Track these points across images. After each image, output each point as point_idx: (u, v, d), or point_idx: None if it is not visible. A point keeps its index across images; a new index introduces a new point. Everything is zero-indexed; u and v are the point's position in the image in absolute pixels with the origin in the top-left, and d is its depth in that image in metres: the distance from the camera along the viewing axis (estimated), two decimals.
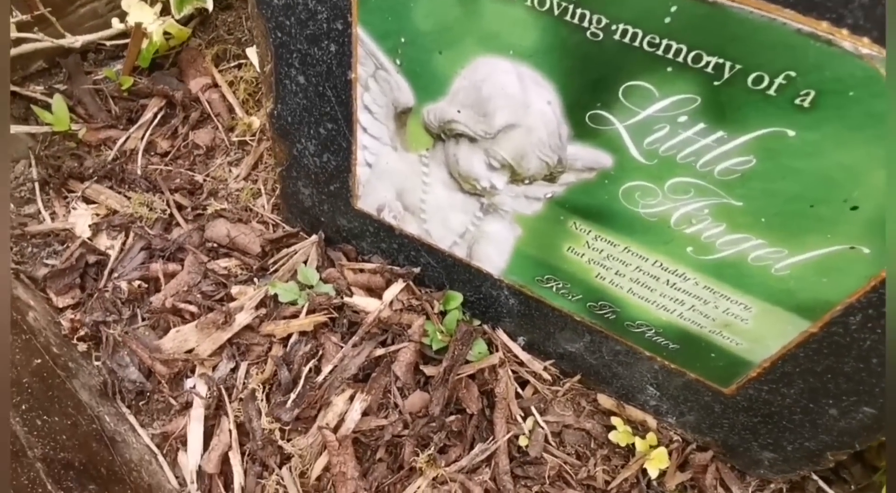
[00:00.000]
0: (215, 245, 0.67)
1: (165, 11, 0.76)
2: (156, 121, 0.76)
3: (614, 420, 0.60)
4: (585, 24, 0.34)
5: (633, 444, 0.59)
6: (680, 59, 0.32)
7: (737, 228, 0.38)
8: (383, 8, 0.41)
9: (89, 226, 0.67)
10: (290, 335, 0.61)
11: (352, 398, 0.57)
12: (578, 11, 0.34)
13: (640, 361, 0.54)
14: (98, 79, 0.75)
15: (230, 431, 0.56)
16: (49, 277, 0.63)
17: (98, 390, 0.57)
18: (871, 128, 0.30)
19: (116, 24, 0.72)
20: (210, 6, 0.74)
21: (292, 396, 0.56)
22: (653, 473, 0.57)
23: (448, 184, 0.50)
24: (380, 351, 0.59)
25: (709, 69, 0.32)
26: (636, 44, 0.33)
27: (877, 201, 0.33)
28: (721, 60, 0.32)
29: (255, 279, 0.65)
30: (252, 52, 0.73)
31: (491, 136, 0.43)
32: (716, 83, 0.32)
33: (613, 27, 0.33)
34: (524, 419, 0.60)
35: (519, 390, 0.61)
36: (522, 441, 0.58)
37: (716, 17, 0.30)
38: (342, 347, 0.59)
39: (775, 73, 0.31)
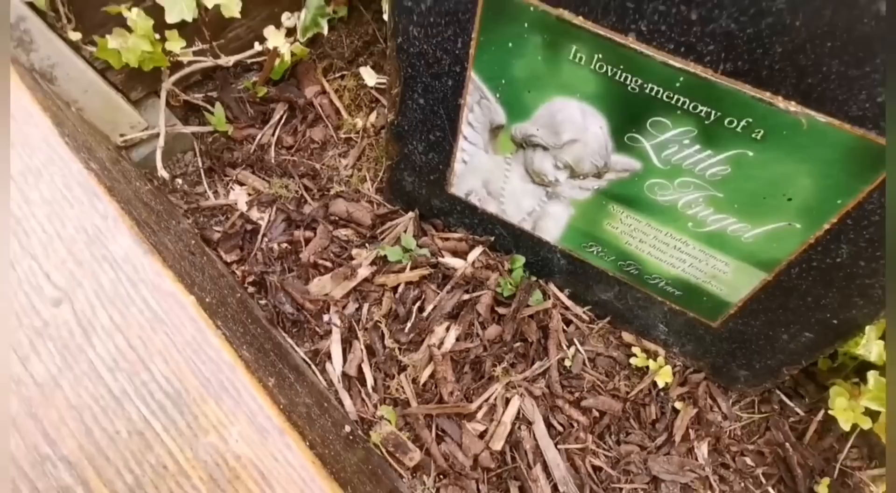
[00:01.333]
0: (337, 218, 0.90)
1: (289, 34, 0.97)
2: (282, 121, 0.98)
3: (634, 350, 0.82)
4: (628, 82, 0.55)
5: (648, 366, 0.81)
6: (685, 106, 0.54)
7: (720, 211, 0.60)
8: (493, 60, 0.62)
9: (245, 202, 0.90)
10: (398, 285, 0.84)
11: (448, 328, 0.80)
12: (624, 74, 0.55)
13: (654, 304, 0.77)
14: (239, 88, 0.97)
15: (361, 349, 0.79)
16: (220, 240, 0.86)
17: (267, 319, 0.80)
18: (797, 153, 0.51)
19: (256, 47, 0.93)
20: (326, 30, 0.96)
21: (408, 325, 0.79)
22: (660, 384, 0.79)
23: (523, 177, 0.72)
24: (466, 296, 0.82)
25: (702, 114, 0.53)
26: (659, 96, 0.54)
27: (803, 196, 0.54)
28: (709, 109, 0.53)
29: (367, 244, 0.88)
30: (365, 72, 0.94)
31: (559, 146, 0.65)
32: (706, 122, 0.54)
33: (645, 86, 0.54)
34: (568, 347, 0.82)
35: (564, 327, 0.84)
36: (567, 363, 0.81)
37: (706, 85, 0.51)
38: (439, 293, 0.82)
39: (741, 118, 0.52)
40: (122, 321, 0.49)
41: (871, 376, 0.65)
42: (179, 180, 0.91)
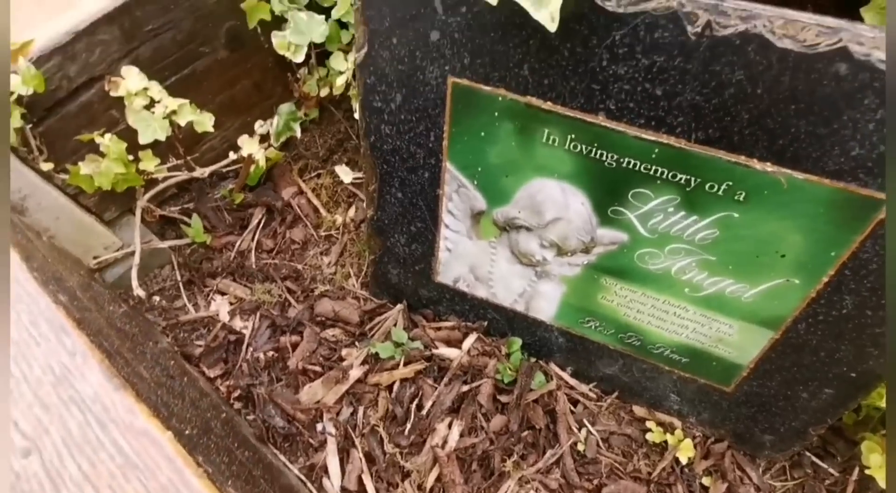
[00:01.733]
0: (323, 319, 0.87)
1: (263, 140, 0.99)
2: (261, 225, 0.97)
3: (648, 424, 0.78)
4: (604, 158, 0.55)
5: (666, 441, 0.76)
6: (664, 176, 0.54)
7: (715, 274, 0.59)
8: (466, 150, 0.62)
9: (227, 312, 0.86)
10: (393, 383, 0.79)
11: (450, 425, 0.75)
12: (599, 151, 0.55)
13: (662, 374, 0.73)
14: (216, 197, 0.97)
15: (360, 458, 0.74)
16: (202, 355, 0.82)
17: (256, 437, 0.75)
18: (782, 211, 0.51)
19: (231, 156, 0.94)
20: (298, 133, 0.97)
21: (407, 426, 0.74)
22: (683, 460, 0.74)
23: (510, 260, 0.70)
24: (465, 388, 0.78)
25: (681, 181, 0.53)
26: (636, 168, 0.54)
27: (796, 251, 0.53)
28: (688, 177, 0.53)
29: (357, 343, 0.85)
30: (340, 169, 0.95)
31: (543, 226, 0.64)
32: (687, 189, 0.53)
33: (622, 160, 0.55)
34: (579, 429, 0.78)
35: (572, 408, 0.80)
36: (580, 447, 0.76)
37: (681, 155, 0.51)
38: (437, 387, 0.78)
39: (721, 183, 0.52)
40: (91, 470, 0.44)
41: None
42: (157, 297, 0.88)
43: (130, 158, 0.78)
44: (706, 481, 0.75)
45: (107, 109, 0.77)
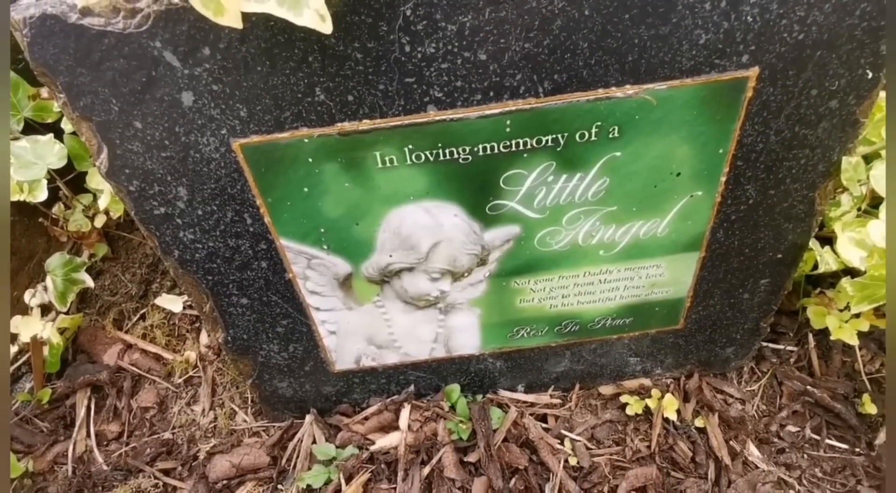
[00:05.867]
0: (225, 482, 0.68)
1: (45, 311, 0.76)
2: (92, 412, 0.75)
3: (623, 399, 0.71)
4: (455, 156, 0.46)
5: (647, 406, 0.70)
6: (528, 146, 0.46)
7: (622, 223, 0.52)
8: (296, 216, 0.49)
9: None
10: None
11: None
12: (447, 151, 0.46)
13: (613, 345, 0.67)
14: (15, 407, 0.72)
15: None
16: None
17: None
18: (660, 129, 0.45)
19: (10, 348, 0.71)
20: (90, 282, 0.76)
21: None
22: (672, 416, 0.68)
23: (405, 310, 0.59)
24: (426, 469, 0.65)
25: (549, 144, 0.46)
26: (495, 152, 0.46)
27: (688, 164, 0.48)
28: (554, 135, 0.45)
29: (280, 486, 0.67)
30: (165, 300, 0.76)
31: (424, 259, 0.53)
32: (558, 149, 0.46)
33: (476, 149, 0.45)
34: (562, 443, 0.68)
35: (544, 426, 0.70)
36: (572, 461, 0.67)
37: (536, 115, 0.44)
38: (395, 487, 0.64)
39: (589, 127, 0.45)
40: None
41: (846, 283, 0.60)
42: None
43: None
44: (699, 422, 0.70)
45: None
